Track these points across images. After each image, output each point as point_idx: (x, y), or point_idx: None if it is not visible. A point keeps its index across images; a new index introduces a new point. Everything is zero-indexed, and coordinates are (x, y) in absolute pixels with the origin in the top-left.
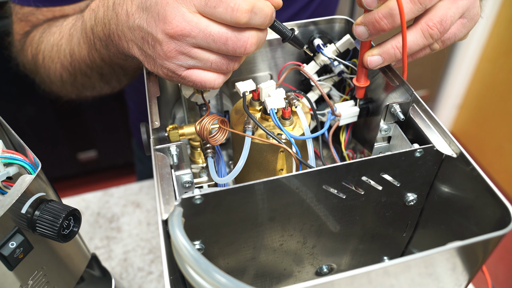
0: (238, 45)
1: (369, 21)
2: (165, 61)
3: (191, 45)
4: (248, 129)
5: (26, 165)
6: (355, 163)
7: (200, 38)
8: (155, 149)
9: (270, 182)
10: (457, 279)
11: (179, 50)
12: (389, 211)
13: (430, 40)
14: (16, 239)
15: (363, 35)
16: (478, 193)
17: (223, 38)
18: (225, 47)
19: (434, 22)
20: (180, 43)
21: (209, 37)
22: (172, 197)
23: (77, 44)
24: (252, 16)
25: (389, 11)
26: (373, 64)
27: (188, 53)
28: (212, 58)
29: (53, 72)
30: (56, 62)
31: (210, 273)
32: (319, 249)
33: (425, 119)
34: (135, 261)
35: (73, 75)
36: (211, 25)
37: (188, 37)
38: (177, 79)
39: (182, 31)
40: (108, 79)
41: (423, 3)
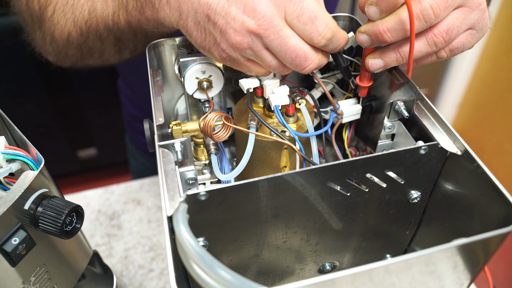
0: (303, 63)
1: (373, 32)
2: (230, 48)
3: (263, 46)
4: (252, 126)
5: (28, 161)
6: (360, 160)
7: (276, 44)
8: (160, 145)
9: (275, 179)
10: (459, 277)
11: (250, 46)
12: (392, 208)
13: (434, 48)
14: (18, 235)
15: (365, 44)
16: (483, 191)
17: (295, 53)
18: (291, 61)
19: (440, 30)
20: (255, 40)
21: (283, 46)
22: (176, 193)
23: (102, 1)
24: (329, 43)
25: (393, 25)
26: (374, 67)
27: (257, 52)
28: (273, 63)
29: (61, 28)
30: (69, 18)
31: (215, 269)
32: (322, 247)
33: (429, 116)
34: (135, 259)
35: (85, 35)
36: (291, 36)
37: (266, 38)
38: (232, 64)
39: (265, 31)
40: (123, 47)
41: (428, 20)
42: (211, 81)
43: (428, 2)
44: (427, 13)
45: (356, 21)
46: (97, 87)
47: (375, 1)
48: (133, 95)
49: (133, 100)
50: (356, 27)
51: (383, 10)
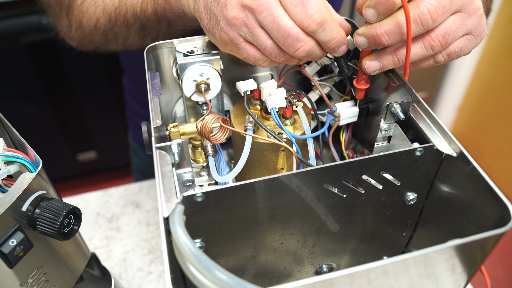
0: (294, 44)
1: (371, 34)
2: (227, 26)
3: (257, 23)
4: (249, 128)
5: (27, 163)
6: (356, 162)
7: (269, 21)
8: (157, 147)
9: (271, 180)
10: (456, 279)
11: (244, 22)
12: (389, 210)
13: (430, 51)
14: (16, 237)
15: (363, 46)
16: (478, 192)
17: (286, 32)
18: (283, 40)
19: (436, 34)
20: (249, 15)
21: (275, 24)
22: (173, 194)
23: None
24: (319, 29)
25: (391, 29)
26: (371, 69)
27: (251, 28)
28: (268, 43)
29: (89, 16)
30: (99, 5)
31: (211, 270)
32: (319, 248)
33: (425, 118)
34: (134, 261)
35: (113, 22)
36: (284, 15)
37: (259, 14)
38: (233, 48)
39: (257, 6)
40: (147, 34)
41: (425, 24)
42: (208, 83)
43: (425, 7)
44: (425, 17)
45: (353, 24)
46: (97, 90)
47: (373, 4)
48: (137, 92)
49: (136, 97)
50: (353, 31)
51: (380, 13)
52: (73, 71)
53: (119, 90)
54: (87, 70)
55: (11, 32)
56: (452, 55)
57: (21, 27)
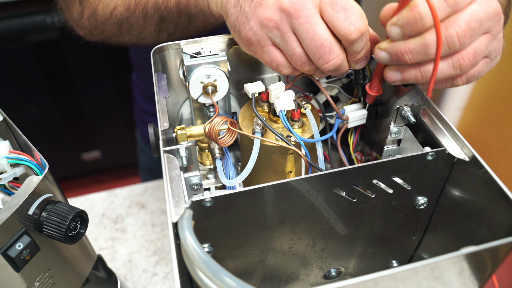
0: (325, 56)
1: (394, 51)
2: (258, 26)
3: (290, 27)
4: (257, 131)
5: (33, 166)
6: (367, 166)
7: (303, 28)
8: (165, 151)
9: (280, 185)
10: (465, 283)
11: (278, 25)
12: (399, 214)
13: (458, 71)
14: (23, 241)
15: (384, 61)
16: (491, 197)
17: (320, 41)
18: (315, 50)
19: (467, 53)
20: (284, 19)
21: (311, 32)
22: (182, 199)
23: None
24: (359, 39)
25: (416, 48)
26: (391, 79)
27: (283, 33)
28: (297, 50)
29: (106, 3)
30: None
31: (220, 276)
32: (327, 252)
33: (436, 122)
34: (139, 263)
35: (131, 10)
36: (321, 24)
37: (295, 19)
38: (257, 49)
39: (296, 11)
40: (164, 28)
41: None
42: (216, 85)
43: (454, 30)
44: (452, 40)
45: None
46: (101, 90)
47: (400, 24)
48: (146, 88)
49: (145, 94)
50: None
51: (406, 33)
52: (77, 71)
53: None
54: (91, 70)
55: (15, 31)
56: (471, 78)
57: (25, 27)
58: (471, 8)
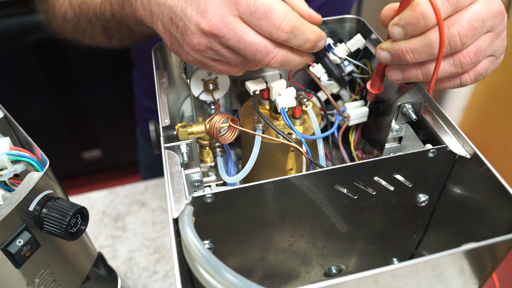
0: (264, 58)
1: (395, 51)
2: (192, 51)
3: (222, 45)
4: (259, 128)
5: (33, 163)
6: (368, 163)
7: (233, 42)
8: (165, 147)
9: (281, 181)
10: (465, 282)
11: (209, 46)
12: (400, 212)
13: (459, 69)
14: (23, 237)
15: (385, 61)
16: (492, 195)
17: (254, 48)
18: (253, 56)
19: (469, 51)
20: (212, 40)
21: (242, 43)
22: (182, 195)
23: None
24: (291, 37)
25: (417, 48)
26: (392, 78)
27: (217, 51)
28: (238, 60)
29: (59, 6)
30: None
31: (221, 272)
32: (328, 250)
33: (438, 119)
34: (140, 261)
35: (78, 17)
36: (248, 32)
37: (222, 38)
38: (202, 67)
39: (218, 31)
40: (111, 35)
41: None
42: (217, 82)
43: (456, 29)
44: (454, 40)
45: (363, 23)
46: (102, 88)
47: (402, 24)
48: (146, 86)
49: (146, 91)
50: (363, 29)
51: (408, 33)
52: (78, 69)
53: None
54: (92, 68)
55: (16, 30)
56: (478, 76)
57: (26, 25)
58: (474, 7)
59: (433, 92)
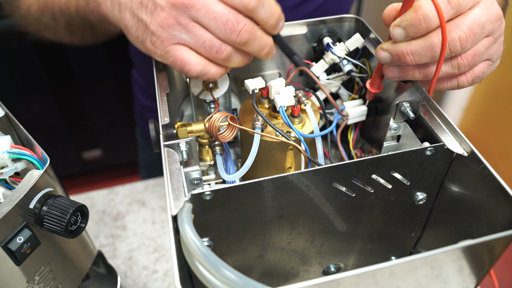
0: (235, 27)
1: (396, 52)
2: (159, 28)
3: (191, 18)
4: (257, 127)
5: (34, 161)
6: (365, 161)
7: (203, 13)
8: (165, 145)
9: (280, 179)
10: (464, 281)
11: (177, 20)
12: (398, 210)
13: (456, 70)
14: (23, 234)
15: (385, 61)
16: (489, 193)
17: (224, 18)
18: (223, 27)
19: (467, 53)
20: (181, 12)
21: (211, 14)
22: (181, 193)
23: None
24: (259, 5)
25: (418, 50)
26: (390, 75)
27: (185, 25)
28: (206, 36)
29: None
30: None
31: (220, 269)
32: (327, 248)
33: (435, 117)
34: (140, 260)
35: (42, 11)
36: (217, 3)
37: (191, 8)
38: (160, 52)
39: (188, 1)
40: (73, 31)
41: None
42: (216, 81)
43: (457, 34)
44: (454, 44)
45: (362, 23)
46: (102, 88)
47: (404, 25)
48: (146, 85)
49: (146, 90)
50: (362, 29)
51: (409, 35)
52: (78, 69)
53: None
54: (93, 68)
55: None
56: (475, 79)
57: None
58: (474, 12)
59: (433, 92)
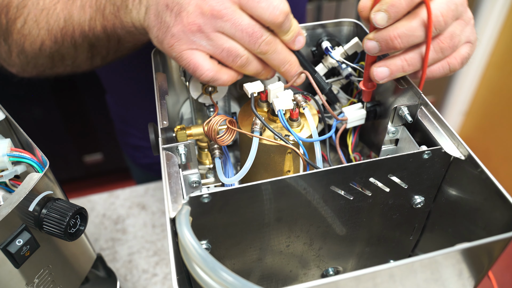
0: (259, 39)
1: (383, 38)
2: (180, 32)
3: (215, 29)
4: (256, 130)
5: (34, 164)
6: (363, 164)
7: (230, 24)
8: (164, 148)
9: (278, 182)
10: (463, 284)
11: (201, 28)
12: (396, 213)
13: (441, 54)
14: (23, 237)
15: (373, 51)
16: (487, 196)
17: (250, 29)
18: (248, 38)
19: (444, 36)
20: (207, 22)
21: (238, 26)
22: (180, 195)
23: (79, 8)
24: (286, 20)
25: (404, 31)
26: (380, 77)
27: (208, 34)
28: (226, 45)
29: (33, 39)
30: (42, 27)
31: (217, 271)
32: (325, 251)
33: (433, 121)
34: (139, 263)
35: (59, 43)
36: (245, 17)
37: (219, 19)
38: (176, 54)
39: (218, 12)
40: (96, 53)
41: (438, 27)
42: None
43: (438, 9)
44: (438, 20)
45: (360, 27)
46: (103, 92)
47: (384, 8)
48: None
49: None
50: (361, 33)
51: (391, 16)
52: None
53: None
54: (94, 72)
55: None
56: (464, 61)
57: None
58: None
59: (433, 96)
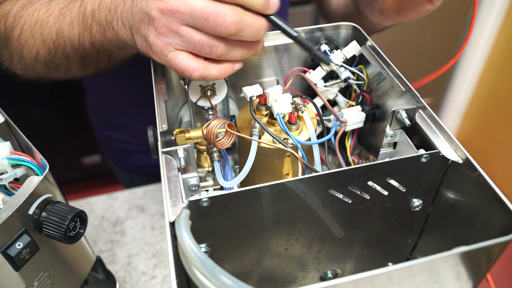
0: (218, 21)
1: None
2: (155, 39)
3: (180, 22)
4: (255, 133)
5: (33, 167)
6: (361, 168)
7: (187, 14)
8: (163, 152)
9: (277, 185)
10: (461, 287)
11: (168, 27)
12: (394, 216)
13: None
14: (22, 240)
15: None
16: (484, 199)
17: (205, 13)
18: (206, 23)
19: None
20: (170, 19)
21: (193, 12)
22: (179, 199)
23: (69, 24)
24: None
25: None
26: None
27: (176, 30)
28: (196, 38)
29: (29, 48)
30: (37, 38)
31: (217, 275)
32: (324, 254)
33: (431, 125)
34: (138, 265)
35: (52, 54)
36: (198, 2)
37: (177, 13)
38: (164, 62)
39: (172, 6)
40: (88, 64)
41: None
42: (214, 88)
43: None
44: None
45: (359, 31)
46: None
47: None
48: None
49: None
50: (359, 36)
51: None
52: None
53: None
54: None
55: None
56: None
57: None
58: None
59: (431, 98)
